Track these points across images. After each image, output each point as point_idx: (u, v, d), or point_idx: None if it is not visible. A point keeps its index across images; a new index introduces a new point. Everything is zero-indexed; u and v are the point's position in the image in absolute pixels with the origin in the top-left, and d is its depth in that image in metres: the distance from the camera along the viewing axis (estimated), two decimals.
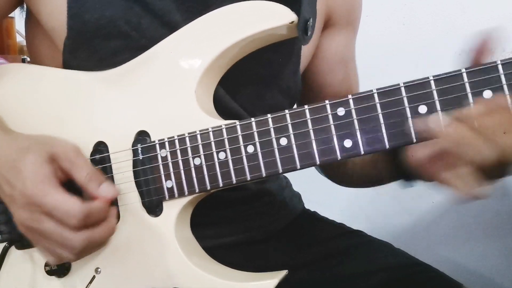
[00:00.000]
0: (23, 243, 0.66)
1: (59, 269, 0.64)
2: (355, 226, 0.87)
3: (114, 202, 0.62)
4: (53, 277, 0.64)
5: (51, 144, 0.59)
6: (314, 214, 0.91)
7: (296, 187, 0.93)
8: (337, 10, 0.83)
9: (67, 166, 0.58)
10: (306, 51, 0.78)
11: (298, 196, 0.92)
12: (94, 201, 0.58)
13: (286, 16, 0.58)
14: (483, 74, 0.49)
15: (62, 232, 0.56)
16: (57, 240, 0.56)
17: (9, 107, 0.67)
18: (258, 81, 0.73)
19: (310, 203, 0.93)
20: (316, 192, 0.93)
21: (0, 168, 0.59)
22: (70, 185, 0.58)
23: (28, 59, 1.37)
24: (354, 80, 0.89)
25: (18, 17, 0.83)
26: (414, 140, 0.51)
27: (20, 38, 1.40)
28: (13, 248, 0.66)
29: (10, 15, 1.07)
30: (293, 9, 0.59)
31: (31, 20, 0.74)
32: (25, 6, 0.75)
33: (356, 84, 0.90)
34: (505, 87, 0.48)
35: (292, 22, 0.58)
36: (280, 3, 0.59)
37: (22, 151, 0.58)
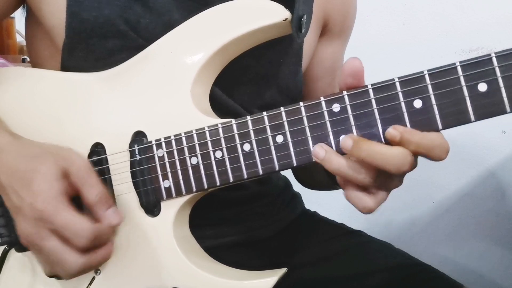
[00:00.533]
0: (22, 246, 0.65)
1: None
2: (355, 226, 0.87)
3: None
4: (52, 279, 0.64)
5: (63, 157, 0.58)
6: (314, 214, 0.91)
7: (296, 187, 0.93)
8: (333, 17, 0.83)
9: (79, 183, 0.57)
10: (306, 51, 0.78)
11: (298, 196, 0.92)
12: (103, 224, 0.57)
13: (279, 13, 0.58)
14: (477, 67, 0.49)
15: (63, 254, 0.55)
16: (56, 260, 0.56)
17: (7, 110, 0.67)
18: (257, 80, 0.73)
19: (310, 203, 0.93)
20: (316, 192, 0.93)
21: (9, 176, 0.57)
22: (74, 199, 0.58)
23: (28, 59, 1.37)
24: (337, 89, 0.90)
25: (18, 17, 0.83)
26: None
27: (20, 38, 1.40)
28: (12, 251, 0.66)
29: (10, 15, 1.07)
30: (287, 6, 0.59)
31: (31, 19, 0.75)
32: (26, 5, 0.75)
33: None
34: (500, 79, 0.48)
35: (286, 19, 0.58)
36: (276, 0, 0.59)
37: (33, 160, 0.57)
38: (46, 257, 0.57)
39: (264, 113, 0.56)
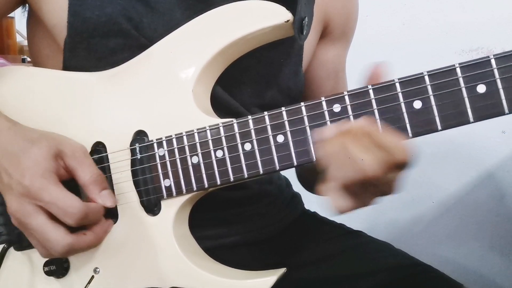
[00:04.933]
0: (21, 244, 0.66)
1: (58, 270, 0.64)
2: (355, 226, 0.87)
3: None
4: (51, 277, 0.64)
5: (59, 141, 0.59)
6: (314, 215, 0.91)
7: (296, 188, 0.93)
8: (334, 19, 0.83)
9: (73, 164, 0.58)
10: (306, 52, 0.78)
11: (298, 196, 0.92)
12: (93, 204, 0.58)
13: (281, 15, 0.59)
14: (476, 68, 0.49)
15: (49, 231, 0.56)
16: (40, 239, 0.57)
17: (8, 109, 0.67)
18: (257, 80, 0.73)
19: (310, 204, 0.92)
20: None
21: (2, 156, 0.58)
22: (69, 187, 0.58)
23: (28, 59, 1.37)
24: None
25: (18, 17, 0.83)
26: (410, 135, 0.51)
27: (20, 38, 1.40)
28: (11, 249, 0.66)
29: (10, 15, 1.07)
30: (289, 8, 0.59)
31: (33, 19, 0.75)
32: (27, 5, 0.75)
33: None
34: (498, 81, 0.48)
35: (288, 20, 0.59)
36: (279, 2, 0.60)
37: (27, 142, 0.58)
38: (34, 235, 0.57)
39: (265, 112, 0.56)
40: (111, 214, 0.63)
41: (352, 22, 0.88)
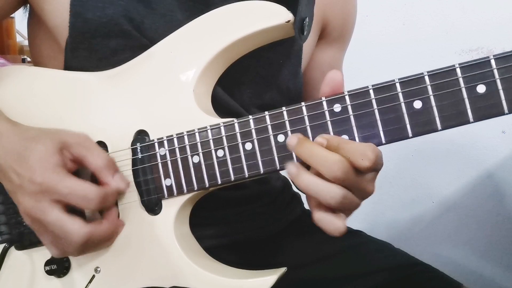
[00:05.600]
0: (22, 243, 0.66)
1: (59, 269, 0.64)
2: (355, 226, 0.87)
3: (113, 202, 0.62)
4: (52, 277, 0.64)
5: (60, 134, 0.59)
6: None
7: (296, 187, 0.93)
8: (333, 21, 0.84)
9: (81, 152, 0.58)
10: (305, 53, 0.79)
11: (298, 196, 0.92)
12: (109, 187, 0.58)
13: (282, 15, 0.59)
14: (476, 69, 0.49)
15: (67, 223, 0.56)
16: (59, 233, 0.56)
17: (9, 108, 0.67)
18: (257, 81, 0.73)
19: None
20: None
21: (7, 158, 0.58)
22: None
23: (28, 59, 1.37)
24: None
25: (18, 17, 0.83)
26: (410, 135, 0.52)
27: (20, 38, 1.40)
28: (12, 249, 0.66)
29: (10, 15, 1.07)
30: (290, 8, 0.59)
31: (34, 19, 0.75)
32: (28, 5, 0.75)
33: None
34: (498, 81, 0.49)
35: (289, 21, 0.59)
36: (279, 3, 0.60)
37: (30, 140, 0.58)
38: (51, 232, 0.57)
39: (266, 112, 0.57)
40: None
41: (350, 24, 0.88)
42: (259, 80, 0.74)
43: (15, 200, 0.59)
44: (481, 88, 0.49)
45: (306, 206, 0.92)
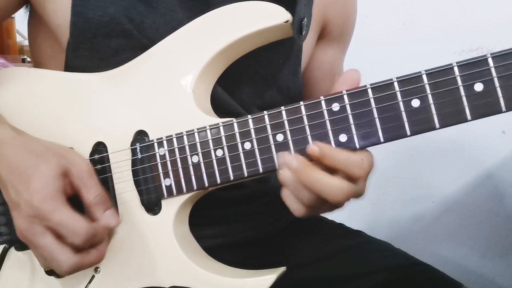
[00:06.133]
0: (22, 244, 0.65)
1: None
2: (355, 226, 0.87)
3: (113, 202, 0.62)
4: (52, 277, 0.64)
5: (66, 158, 0.59)
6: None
7: None
8: (333, 21, 0.84)
9: (78, 184, 0.58)
10: (304, 53, 0.79)
11: None
12: (99, 224, 0.58)
13: (281, 15, 0.59)
14: (474, 67, 0.50)
15: (56, 252, 0.56)
16: (47, 258, 0.57)
17: (9, 110, 0.67)
18: (256, 80, 0.73)
19: None
20: None
21: (9, 171, 0.58)
22: (75, 201, 0.58)
23: (28, 59, 1.37)
24: None
25: (18, 17, 0.83)
26: (408, 134, 0.52)
27: (20, 38, 1.40)
28: (12, 249, 0.66)
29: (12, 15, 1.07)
30: (288, 8, 0.59)
31: (35, 19, 0.75)
32: (29, 5, 0.75)
33: None
34: (496, 79, 0.49)
35: (287, 21, 0.59)
36: (278, 3, 0.60)
37: (34, 158, 0.57)
38: (40, 253, 0.57)
39: (265, 112, 0.57)
40: None
41: (350, 24, 0.88)
42: (258, 80, 0.74)
43: (11, 213, 0.59)
44: (478, 87, 0.49)
45: None
